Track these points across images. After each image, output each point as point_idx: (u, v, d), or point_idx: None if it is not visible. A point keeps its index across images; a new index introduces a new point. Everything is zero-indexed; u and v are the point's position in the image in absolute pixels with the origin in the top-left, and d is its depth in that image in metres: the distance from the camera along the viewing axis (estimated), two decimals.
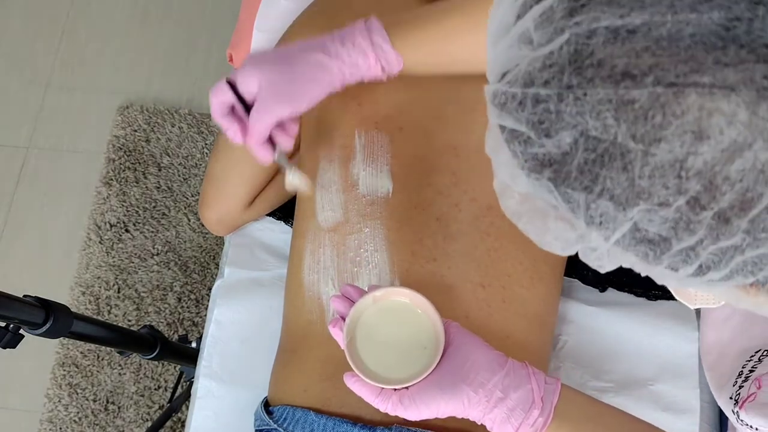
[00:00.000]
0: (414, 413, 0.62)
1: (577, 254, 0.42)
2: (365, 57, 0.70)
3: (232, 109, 0.72)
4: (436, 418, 0.76)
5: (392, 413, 0.63)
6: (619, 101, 0.34)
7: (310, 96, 0.71)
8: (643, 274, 0.39)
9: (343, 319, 0.66)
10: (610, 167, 0.35)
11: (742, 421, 0.63)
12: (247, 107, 0.71)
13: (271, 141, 0.73)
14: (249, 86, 0.70)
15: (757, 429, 0.61)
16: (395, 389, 0.63)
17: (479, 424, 0.62)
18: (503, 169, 0.41)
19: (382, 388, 0.63)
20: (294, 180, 0.76)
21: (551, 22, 0.36)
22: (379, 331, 0.66)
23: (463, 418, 0.76)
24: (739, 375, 0.68)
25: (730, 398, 0.68)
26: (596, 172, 0.35)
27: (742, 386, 0.66)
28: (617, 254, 0.39)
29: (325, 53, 0.70)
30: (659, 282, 0.40)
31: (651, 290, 0.97)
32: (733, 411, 0.68)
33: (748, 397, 0.63)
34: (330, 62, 0.70)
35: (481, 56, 0.71)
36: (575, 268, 0.97)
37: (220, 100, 0.70)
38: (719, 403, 0.73)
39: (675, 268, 0.37)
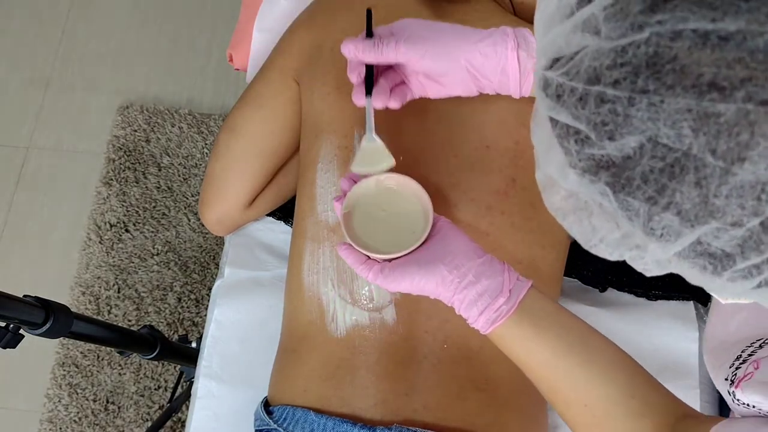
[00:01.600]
0: (392, 283, 0.66)
1: (576, 254, 0.41)
2: (507, 83, 0.71)
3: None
4: (442, 422, 0.76)
5: (372, 281, 0.67)
6: (702, 113, 0.31)
7: (447, 52, 0.70)
8: (693, 283, 0.38)
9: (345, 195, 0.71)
10: (681, 180, 0.32)
11: (738, 400, 0.64)
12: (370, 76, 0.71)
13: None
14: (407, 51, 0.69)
15: (754, 407, 0.61)
16: (380, 260, 0.68)
17: (448, 305, 0.65)
18: (551, 163, 0.39)
19: (368, 257, 0.68)
20: (371, 144, 0.73)
21: (626, 15, 0.32)
22: (376, 210, 0.72)
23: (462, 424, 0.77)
24: (738, 358, 0.68)
25: (726, 379, 0.68)
26: (663, 183, 0.33)
27: (739, 368, 0.66)
28: (670, 263, 0.37)
29: (469, 29, 0.70)
30: (710, 291, 0.38)
31: (651, 290, 0.97)
32: (728, 392, 0.68)
33: (745, 376, 0.64)
34: (471, 33, 0.70)
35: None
36: (575, 267, 0.97)
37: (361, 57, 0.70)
38: (716, 384, 0.73)
39: (733, 280, 0.35)
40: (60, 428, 1.60)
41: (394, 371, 0.78)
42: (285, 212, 1.04)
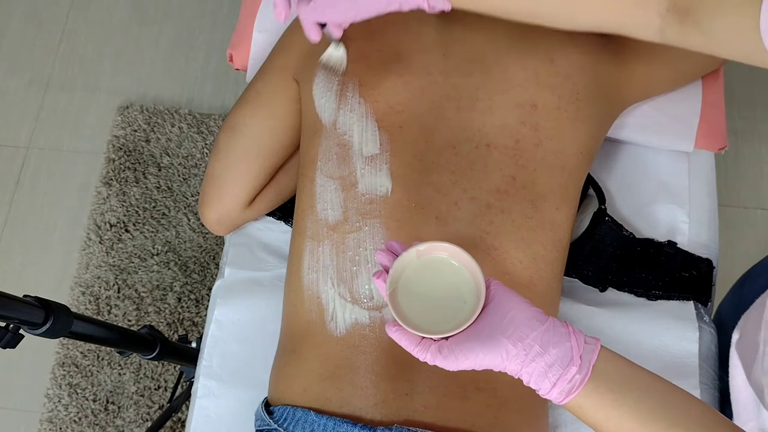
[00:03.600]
0: (452, 363, 0.62)
1: (576, 254, 0.41)
2: None
3: None
4: (442, 422, 0.76)
5: (431, 362, 0.63)
6: None
7: (369, 10, 0.73)
8: None
9: (387, 271, 0.67)
10: None
11: None
12: None
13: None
14: None
15: None
16: (435, 339, 0.64)
17: (516, 377, 0.62)
18: None
19: (423, 337, 0.64)
20: (336, 52, 0.77)
21: None
22: (421, 284, 0.67)
23: (464, 423, 0.77)
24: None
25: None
26: None
27: None
28: None
29: None
30: None
31: (651, 290, 0.97)
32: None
33: None
34: None
35: (533, 7, 0.69)
36: (575, 267, 0.97)
37: None
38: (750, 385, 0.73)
39: None
40: (60, 428, 1.60)
41: (395, 371, 0.78)
42: (285, 212, 1.04)
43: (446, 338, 0.63)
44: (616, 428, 0.60)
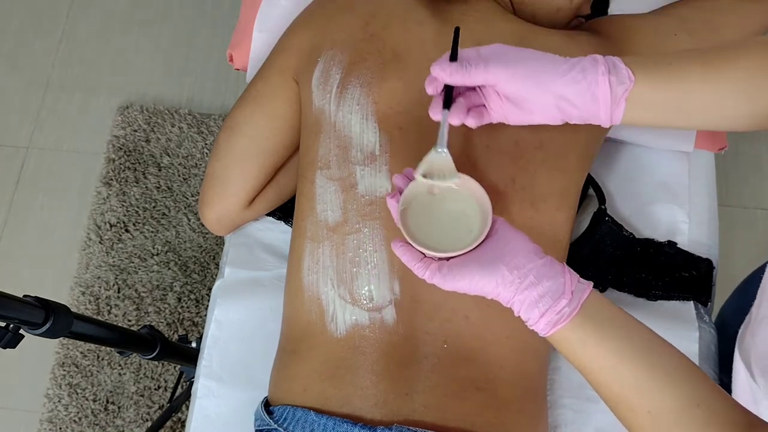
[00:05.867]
0: (449, 282, 0.64)
1: (576, 254, 0.41)
2: (597, 110, 0.67)
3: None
4: (442, 422, 0.76)
5: (429, 280, 0.65)
6: None
7: (537, 84, 0.67)
8: None
9: (401, 193, 0.69)
10: None
11: None
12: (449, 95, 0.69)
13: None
14: (496, 77, 0.66)
15: None
16: (437, 258, 0.66)
17: (506, 305, 0.64)
18: None
19: (425, 255, 0.66)
20: (439, 156, 0.70)
21: None
22: (432, 209, 0.70)
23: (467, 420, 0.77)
24: None
25: None
26: None
27: None
28: None
29: (565, 63, 0.67)
30: None
31: (651, 290, 0.97)
32: None
33: None
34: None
35: (713, 113, 0.68)
36: (575, 267, 0.97)
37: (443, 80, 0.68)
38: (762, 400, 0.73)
39: None
40: (60, 428, 1.60)
41: (395, 371, 0.78)
42: (285, 212, 1.04)
43: (447, 259, 0.66)
44: (596, 364, 0.62)
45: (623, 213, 1.02)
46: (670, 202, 1.02)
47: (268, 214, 1.04)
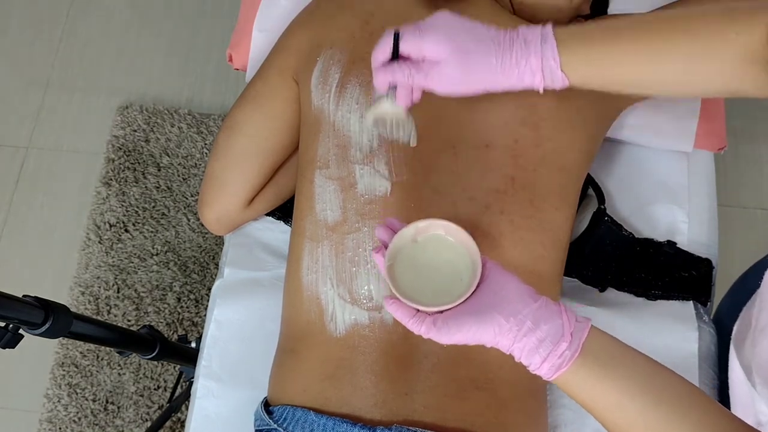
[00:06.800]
0: (445, 336, 0.63)
1: (576, 254, 0.41)
2: (532, 76, 0.69)
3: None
4: (442, 422, 0.76)
5: (425, 335, 0.64)
6: None
7: (469, 91, 0.71)
8: None
9: (386, 247, 0.68)
10: None
11: None
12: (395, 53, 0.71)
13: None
14: (432, 52, 0.70)
15: None
16: (430, 313, 0.65)
17: (507, 353, 0.63)
18: None
19: (418, 310, 0.65)
20: (388, 107, 0.73)
21: None
22: (419, 260, 0.69)
23: (464, 419, 0.77)
24: None
25: None
26: None
27: None
28: None
29: (499, 64, 0.69)
30: None
31: (651, 290, 0.97)
32: None
33: None
34: (499, 75, 0.70)
35: (652, 83, 0.70)
36: (575, 267, 0.97)
37: (384, 50, 0.71)
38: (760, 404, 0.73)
39: None
40: (59, 428, 1.60)
41: (394, 371, 0.78)
42: (284, 212, 1.04)
43: (441, 312, 0.65)
44: (603, 403, 0.61)
45: (623, 213, 1.02)
46: (670, 202, 1.02)
47: (268, 214, 1.04)
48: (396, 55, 0.71)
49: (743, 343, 0.78)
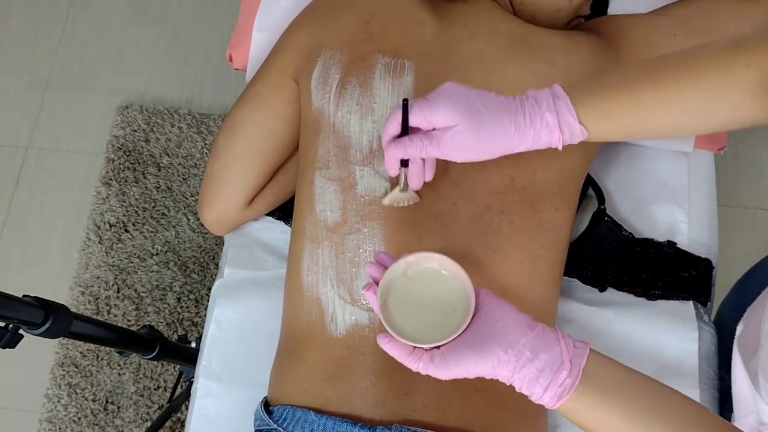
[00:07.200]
0: (445, 371, 0.63)
1: (576, 254, 0.41)
2: (550, 133, 0.70)
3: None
4: (442, 422, 0.76)
5: (423, 372, 0.64)
6: None
7: (484, 156, 0.72)
8: None
9: (377, 283, 0.68)
10: None
11: None
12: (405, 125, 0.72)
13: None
14: (442, 120, 0.70)
15: None
16: (427, 349, 0.64)
17: (507, 384, 0.63)
18: None
19: (414, 347, 0.64)
20: (401, 195, 0.78)
21: None
22: (412, 294, 0.68)
23: (465, 418, 0.77)
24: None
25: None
26: None
27: None
28: None
29: (512, 123, 0.70)
30: None
31: (651, 290, 0.97)
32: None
33: None
34: (515, 138, 0.70)
35: (670, 128, 0.72)
36: (575, 267, 0.97)
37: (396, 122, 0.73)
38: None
39: None
40: (59, 428, 1.60)
41: (394, 371, 0.78)
42: (284, 212, 1.04)
43: (437, 347, 0.64)
44: (607, 428, 0.61)
45: (623, 213, 1.02)
46: (670, 202, 1.02)
47: (268, 214, 1.04)
48: (406, 128, 0.71)
49: (752, 357, 0.78)
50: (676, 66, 0.69)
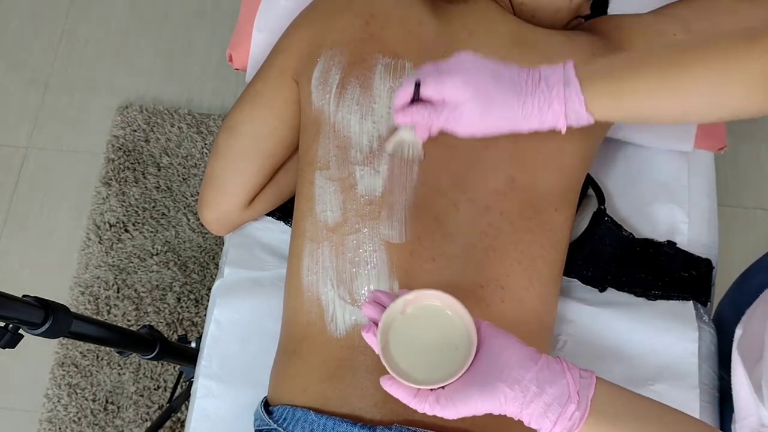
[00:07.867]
0: (452, 412, 0.62)
1: (576, 254, 0.41)
2: (556, 118, 0.70)
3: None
4: (442, 422, 0.76)
5: (430, 413, 0.63)
6: None
7: (487, 132, 0.72)
8: None
9: (376, 324, 0.67)
10: None
11: None
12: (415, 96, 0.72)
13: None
14: (452, 96, 0.70)
15: None
16: (431, 389, 0.64)
17: (516, 419, 0.62)
18: None
19: (419, 389, 0.64)
20: (407, 136, 0.75)
21: None
22: (412, 334, 0.67)
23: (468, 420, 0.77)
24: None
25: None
26: None
27: None
28: None
29: (520, 108, 0.70)
30: None
31: (651, 290, 0.97)
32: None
33: None
34: (521, 122, 0.70)
35: (677, 114, 0.71)
36: (574, 267, 0.97)
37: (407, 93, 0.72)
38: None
39: None
40: (59, 428, 1.60)
41: None
42: (284, 212, 1.04)
43: (442, 387, 0.63)
44: None
45: (623, 213, 1.02)
46: (670, 202, 1.02)
47: (268, 214, 1.04)
48: (417, 99, 0.72)
49: (755, 363, 0.77)
50: (687, 51, 0.69)
